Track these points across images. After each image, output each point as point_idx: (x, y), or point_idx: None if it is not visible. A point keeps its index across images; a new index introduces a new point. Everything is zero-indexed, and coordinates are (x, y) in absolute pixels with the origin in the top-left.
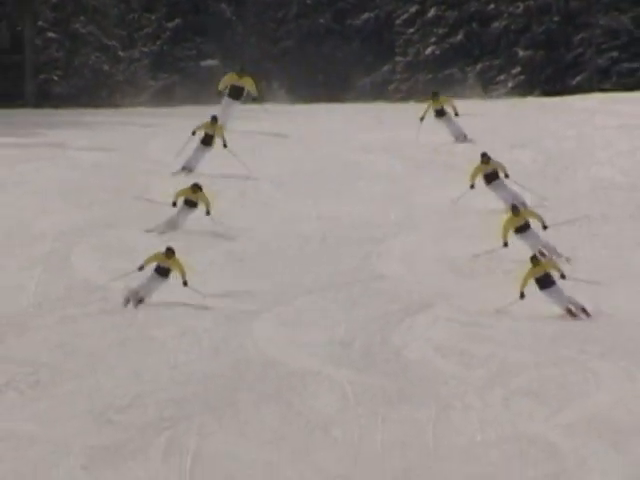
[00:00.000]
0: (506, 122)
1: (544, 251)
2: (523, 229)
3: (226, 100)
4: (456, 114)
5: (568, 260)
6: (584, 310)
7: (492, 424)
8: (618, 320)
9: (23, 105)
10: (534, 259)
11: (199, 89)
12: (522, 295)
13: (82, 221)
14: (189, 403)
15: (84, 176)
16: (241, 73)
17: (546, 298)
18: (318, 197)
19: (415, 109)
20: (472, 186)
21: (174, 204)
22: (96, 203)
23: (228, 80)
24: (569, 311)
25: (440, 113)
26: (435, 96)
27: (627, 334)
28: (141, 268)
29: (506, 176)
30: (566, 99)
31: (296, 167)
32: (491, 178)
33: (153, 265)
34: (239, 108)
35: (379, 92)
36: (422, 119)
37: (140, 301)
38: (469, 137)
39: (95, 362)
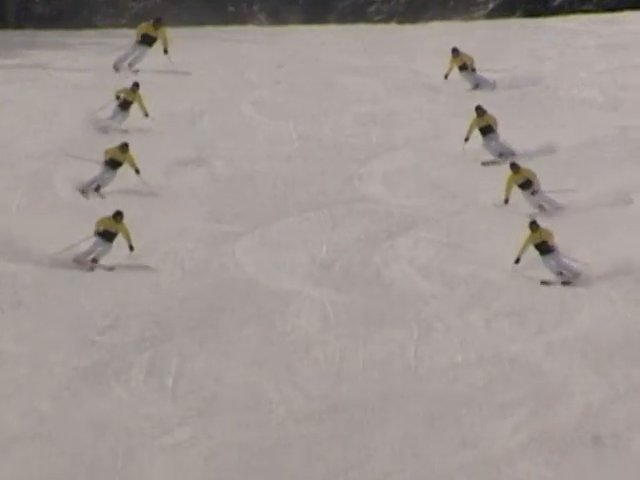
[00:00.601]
0: (487, 43)
1: (545, 206)
2: (525, 186)
3: (138, 46)
4: (473, 70)
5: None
6: (577, 276)
7: (473, 345)
8: (598, 243)
9: (4, 26)
10: (533, 225)
11: (180, 11)
12: (518, 260)
13: (65, 142)
14: (171, 324)
15: (66, 97)
16: (157, 24)
17: (544, 264)
18: (299, 119)
19: (396, 31)
20: (467, 139)
21: (106, 162)
22: (78, 124)
23: (143, 28)
24: (559, 274)
25: (462, 68)
26: (455, 52)
27: (607, 257)
28: (96, 234)
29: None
30: (547, 20)
31: (277, 89)
32: (486, 131)
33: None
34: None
35: (360, 14)
36: (446, 76)
37: (94, 261)
38: (494, 82)
39: (77, 283)
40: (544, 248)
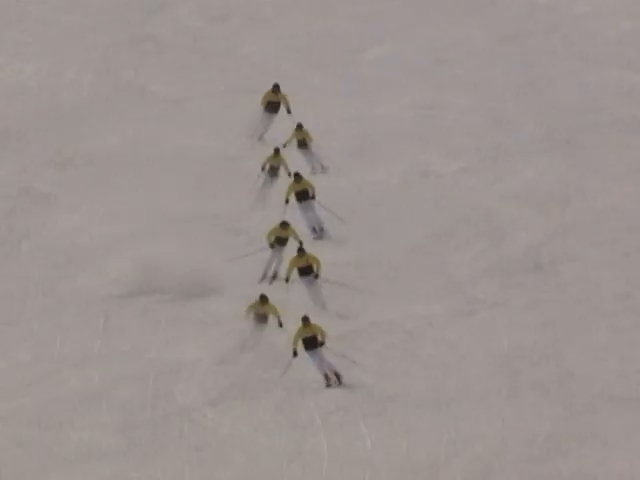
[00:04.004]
0: None
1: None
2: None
3: (264, 114)
4: None
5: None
6: (337, 375)
7: (443, 195)
8: (548, 101)
9: None
10: (305, 320)
11: None
12: (295, 353)
13: (125, 37)
14: None
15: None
16: (275, 90)
17: (308, 359)
18: (307, 14)
19: None
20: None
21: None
22: (136, 21)
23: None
24: (326, 376)
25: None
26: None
27: (557, 118)
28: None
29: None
30: None
31: None
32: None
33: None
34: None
35: None
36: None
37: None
38: None
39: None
40: (311, 343)
